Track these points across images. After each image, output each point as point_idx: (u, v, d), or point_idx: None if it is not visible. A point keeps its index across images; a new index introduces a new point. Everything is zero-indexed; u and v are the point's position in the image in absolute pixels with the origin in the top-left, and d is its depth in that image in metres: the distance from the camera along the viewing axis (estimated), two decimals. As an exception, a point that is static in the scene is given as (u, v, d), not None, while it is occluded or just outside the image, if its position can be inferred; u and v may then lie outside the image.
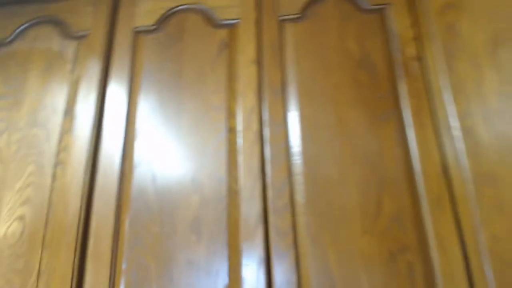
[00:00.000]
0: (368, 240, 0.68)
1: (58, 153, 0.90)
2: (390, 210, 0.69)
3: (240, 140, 0.80)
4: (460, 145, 0.63)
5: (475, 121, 0.59)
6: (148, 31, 0.94)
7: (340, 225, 0.70)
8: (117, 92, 0.92)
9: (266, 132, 0.80)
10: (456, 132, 0.64)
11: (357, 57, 0.82)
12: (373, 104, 0.77)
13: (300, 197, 0.74)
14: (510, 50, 0.50)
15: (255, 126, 0.80)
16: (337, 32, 0.85)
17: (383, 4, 0.85)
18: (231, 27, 0.91)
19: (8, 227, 0.86)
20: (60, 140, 0.91)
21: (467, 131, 0.61)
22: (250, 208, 0.74)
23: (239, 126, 0.82)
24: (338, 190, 0.72)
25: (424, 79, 0.75)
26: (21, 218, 0.86)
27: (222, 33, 0.90)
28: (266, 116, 0.81)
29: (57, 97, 0.95)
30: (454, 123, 0.65)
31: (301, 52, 0.85)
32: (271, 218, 0.73)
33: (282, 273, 0.68)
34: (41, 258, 0.81)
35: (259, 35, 0.89)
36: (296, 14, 0.88)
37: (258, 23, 0.90)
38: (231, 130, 0.82)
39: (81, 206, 0.83)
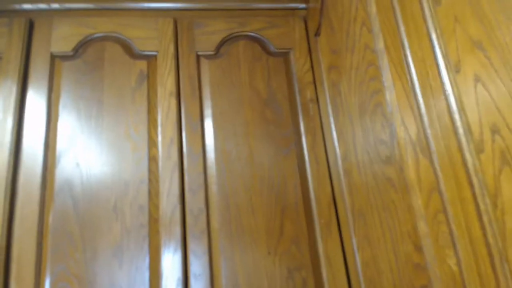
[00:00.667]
0: (271, 260, 0.80)
1: (-28, 178, 0.89)
2: (290, 233, 0.81)
3: (160, 169, 0.87)
4: (343, 182, 0.77)
5: (351, 166, 0.72)
6: (65, 57, 0.94)
7: (248, 247, 0.81)
8: (34, 117, 0.92)
9: (186, 162, 0.87)
10: (340, 170, 0.77)
11: (264, 96, 0.91)
12: (278, 139, 0.88)
13: (215, 222, 0.83)
14: (372, 117, 0.63)
15: (174, 156, 0.87)
16: (247, 71, 0.94)
17: (287, 49, 0.95)
18: (150, 59, 0.95)
19: None
20: (-25, 165, 0.89)
21: (347, 172, 0.75)
22: (170, 234, 0.82)
23: (160, 155, 0.88)
24: (248, 216, 0.83)
25: (319, 119, 0.88)
26: None
27: (142, 64, 0.94)
28: (185, 146, 0.88)
29: (-31, 120, 0.92)
30: (339, 162, 0.78)
31: (216, 88, 0.92)
32: (189, 243, 0.81)
33: (198, 292, 0.78)
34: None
35: (177, 68, 0.94)
36: (212, 51, 0.95)
37: (176, 57, 0.95)
38: (152, 159, 0.88)
39: (1, 234, 0.84)
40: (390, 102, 0.56)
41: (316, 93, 0.90)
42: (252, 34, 0.99)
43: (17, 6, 0.99)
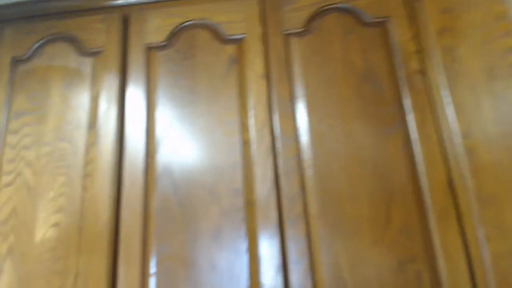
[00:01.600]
0: (378, 250, 0.72)
1: (85, 165, 0.96)
2: (398, 222, 0.73)
3: (253, 153, 0.84)
4: (463, 163, 0.66)
5: (476, 143, 0.61)
6: (159, 47, 0.97)
7: (351, 235, 0.75)
8: (135, 106, 0.97)
9: (279, 145, 0.84)
10: (459, 149, 0.66)
11: (361, 71, 0.83)
12: (379, 118, 0.79)
13: (313, 208, 0.78)
14: (505, 82, 0.51)
15: (267, 139, 0.84)
16: (340, 46, 0.86)
17: (384, 17, 0.85)
18: (238, 42, 0.93)
19: (45, 233, 0.94)
20: (86, 153, 0.97)
21: (469, 151, 0.64)
22: (266, 218, 0.79)
23: (252, 139, 0.85)
24: (349, 202, 0.76)
25: (428, 93, 0.76)
26: (56, 225, 0.94)
27: (231, 49, 0.92)
28: (277, 129, 0.85)
29: (80, 112, 1.00)
30: (458, 140, 0.67)
31: (307, 66, 0.86)
32: (286, 227, 0.78)
33: (298, 278, 0.74)
34: (77, 262, 0.90)
35: (266, 50, 0.90)
36: (300, 28, 0.89)
37: (264, 38, 0.91)
38: (245, 144, 0.86)
39: (110, 216, 0.90)
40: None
41: (423, 63, 0.78)
42: (342, 5, 0.91)
43: (111, 3, 1.04)
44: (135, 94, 0.97)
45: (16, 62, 1.06)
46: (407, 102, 0.78)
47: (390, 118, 0.79)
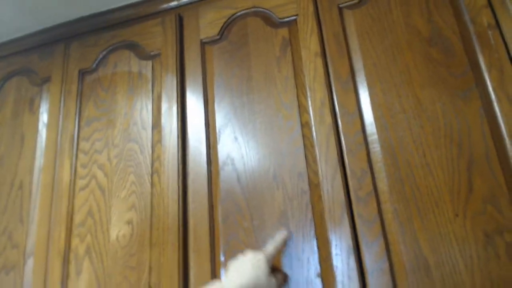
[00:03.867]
0: (461, 223, 0.66)
1: (152, 163, 1.01)
2: (482, 191, 0.66)
3: (314, 134, 0.82)
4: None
5: None
6: (213, 41, 1.00)
7: (429, 210, 0.69)
8: (194, 102, 1.00)
9: (340, 123, 0.81)
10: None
11: (426, 35, 0.78)
12: (451, 82, 0.73)
13: (383, 184, 0.74)
14: None
15: (328, 118, 0.82)
16: (400, 10, 0.82)
17: None
18: (291, 24, 0.92)
19: (119, 230, 0.98)
20: (153, 152, 1.01)
21: None
22: (333, 199, 0.76)
23: (312, 120, 0.83)
24: (423, 174, 0.71)
25: (505, 48, 0.69)
26: (129, 222, 0.98)
27: (283, 32, 0.92)
28: (337, 107, 0.82)
29: (144, 113, 1.06)
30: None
31: (366, 37, 0.83)
32: (356, 207, 0.74)
33: (373, 260, 0.70)
34: (150, 256, 0.93)
35: (320, 27, 0.89)
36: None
37: (317, 15, 0.90)
38: (305, 125, 0.85)
39: (178, 208, 0.92)
40: None
41: (496, 17, 0.72)
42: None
43: (165, 6, 1.10)
44: (193, 90, 1.00)
45: (84, 73, 1.14)
46: (482, 61, 0.72)
47: (464, 80, 0.73)
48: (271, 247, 0.74)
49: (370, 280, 0.69)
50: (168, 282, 0.87)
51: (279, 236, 0.77)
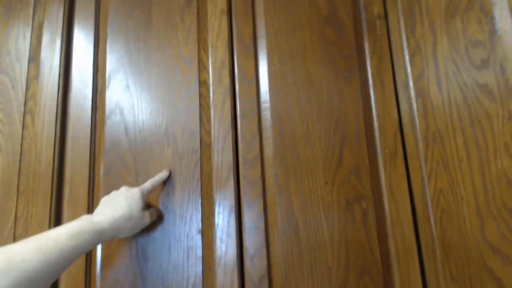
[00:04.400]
0: (329, 190, 0.75)
1: (25, 101, 0.89)
2: (350, 163, 0.75)
3: (211, 94, 0.82)
4: (414, 106, 0.68)
5: (427, 83, 0.64)
6: (113, -26, 0.89)
7: (304, 176, 0.76)
8: (83, 38, 0.89)
9: (237, 87, 0.82)
10: (412, 92, 0.69)
11: (325, 13, 0.82)
12: (339, 62, 0.80)
13: (269, 150, 0.78)
14: (464, 17, 0.53)
15: (226, 80, 0.82)
16: (307, -15, 0.84)
17: None
18: (200, -26, 0.88)
19: (-20, 174, 0.86)
20: (27, 88, 0.89)
21: (420, 93, 0.66)
22: (222, 160, 0.78)
23: (211, 79, 0.83)
24: (304, 144, 0.77)
25: (388, 38, 0.78)
26: (-8, 165, 0.87)
27: (192, -19, 0.87)
28: (237, 70, 0.83)
29: (20, 43, 0.91)
30: (410, 84, 0.69)
31: (271, 5, 0.84)
32: (242, 170, 0.78)
33: (251, 219, 0.75)
34: (17, 204, 0.84)
35: (230, -16, 0.86)
36: (267, -36, 0.85)
37: (228, -30, 0.87)
38: (203, 84, 0.83)
39: (54, 155, 0.84)
40: (495, -11, 0.46)
41: (385, 8, 0.79)
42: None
43: None
44: (83, 25, 0.90)
45: None
46: (367, 47, 0.79)
47: (350, 62, 0.80)
48: (148, 183, 0.75)
49: (247, 237, 0.74)
50: (37, 233, 0.80)
51: (159, 174, 0.78)
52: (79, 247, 0.58)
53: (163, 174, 0.78)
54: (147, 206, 0.76)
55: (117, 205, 0.68)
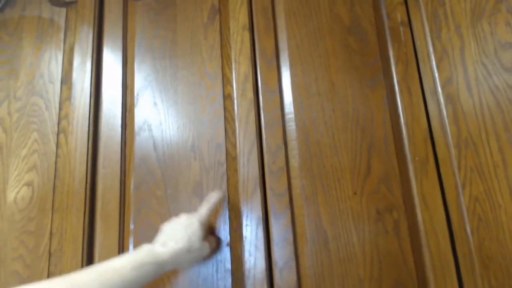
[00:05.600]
0: (358, 200, 0.73)
1: (59, 121, 0.93)
2: (379, 172, 0.74)
3: (236, 107, 0.83)
4: (443, 111, 0.66)
5: (457, 88, 0.62)
6: (138, -3, 0.93)
7: (332, 186, 0.75)
8: (112, 59, 0.93)
9: (261, 99, 0.82)
10: (441, 98, 0.67)
11: (347, 23, 0.82)
12: (363, 70, 0.79)
13: (294, 161, 0.78)
14: (491, 19, 0.52)
15: (250, 93, 0.83)
16: (327, -4, 0.84)
17: None
18: (222, -7, 0.90)
19: (17, 192, 0.90)
20: (60, 109, 0.93)
21: (450, 98, 0.65)
22: (248, 172, 0.79)
23: (235, 93, 0.84)
24: (330, 154, 0.76)
25: (412, 44, 0.76)
26: (29, 184, 0.91)
27: (213, -2, 0.89)
28: (260, 83, 0.83)
29: (53, 66, 0.96)
30: (439, 89, 0.68)
31: (292, 18, 0.85)
32: (268, 181, 0.78)
33: (279, 231, 0.74)
34: (52, 221, 0.87)
35: (250, 0, 0.88)
36: (287, -22, 0.87)
37: (249, -13, 0.89)
38: (227, 98, 0.85)
39: (86, 172, 0.87)
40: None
41: (408, 15, 0.78)
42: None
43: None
44: (111, 46, 0.93)
45: (-15, 12, 0.99)
46: (391, 54, 0.78)
47: (374, 70, 0.79)
48: (204, 209, 0.72)
49: (276, 249, 0.74)
50: (71, 248, 0.83)
51: (211, 197, 0.74)
52: (141, 278, 0.58)
53: (215, 196, 0.75)
54: (208, 233, 0.73)
55: (178, 237, 0.66)
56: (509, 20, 0.48)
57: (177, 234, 0.67)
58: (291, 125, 0.80)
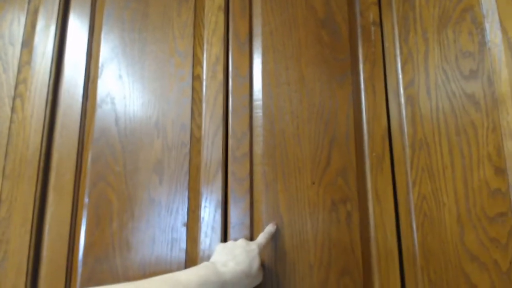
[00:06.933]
0: (315, 190, 0.76)
1: (16, 85, 0.88)
2: (337, 165, 0.76)
3: (204, 89, 0.82)
4: (403, 112, 0.70)
5: (417, 91, 0.65)
6: (112, -37, 0.89)
7: (292, 175, 0.77)
8: (78, 26, 0.89)
9: (231, 83, 0.82)
10: (402, 99, 0.70)
11: (321, 16, 0.83)
12: (333, 65, 0.81)
13: (258, 147, 0.79)
14: (456, 27, 0.54)
15: (220, 76, 0.82)
16: (305, -13, 0.85)
17: None
18: (201, -31, 0.88)
19: (-36, 155, 0.85)
20: (18, 72, 0.88)
21: (410, 99, 0.68)
22: (211, 155, 0.79)
23: (204, 74, 0.83)
24: (293, 143, 0.78)
25: (381, 45, 0.79)
26: (-22, 147, 0.86)
27: (191, -25, 0.87)
28: (231, 66, 0.83)
29: (14, 27, 0.90)
30: (401, 90, 0.71)
31: (268, 4, 0.84)
32: (231, 166, 0.78)
33: (237, 215, 0.75)
34: (1, 188, 0.83)
35: (228, -19, 0.87)
36: (267, -37, 0.86)
37: (228, -32, 0.87)
38: (196, 78, 0.84)
39: (42, 140, 0.84)
40: (486, 1, 0.47)
41: (380, 15, 0.80)
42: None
43: None
44: (78, 13, 0.89)
45: None
46: (360, 52, 0.80)
47: (343, 66, 0.81)
48: (262, 238, 0.71)
49: (232, 232, 0.75)
50: (20, 217, 0.79)
51: (269, 229, 0.73)
52: None
53: (273, 228, 0.73)
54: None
55: (239, 259, 0.64)
56: (472, 30, 0.50)
57: (238, 256, 0.65)
58: (258, 112, 0.80)
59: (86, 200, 0.80)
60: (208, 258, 0.73)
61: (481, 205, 0.49)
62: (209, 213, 0.76)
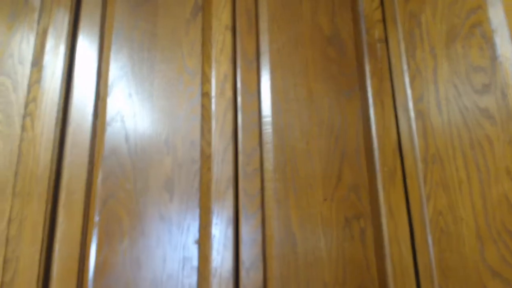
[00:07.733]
0: (327, 206, 0.75)
1: (26, 104, 0.88)
2: (349, 180, 0.76)
3: (213, 106, 0.83)
4: (413, 126, 0.70)
5: (428, 106, 0.65)
6: (121, -16, 0.91)
7: (303, 191, 0.76)
8: (87, 46, 0.90)
9: (239, 100, 0.83)
10: (411, 114, 0.70)
11: (327, 33, 0.84)
12: (340, 81, 0.81)
13: (269, 164, 0.79)
14: (465, 42, 0.55)
15: (228, 93, 0.83)
16: (310, 5, 0.86)
17: None
18: (206, -11, 0.89)
19: (-26, 175, 0.85)
20: (28, 91, 0.89)
21: (420, 114, 0.68)
22: (221, 172, 0.79)
23: (213, 92, 0.84)
24: (304, 159, 0.78)
25: (388, 61, 0.80)
26: (-12, 167, 0.86)
27: (197, -5, 0.89)
28: (239, 84, 0.84)
29: (24, 46, 0.91)
30: (411, 105, 0.71)
31: (275, 22, 0.86)
32: (241, 182, 0.78)
33: (248, 232, 0.75)
34: (11, 206, 0.83)
35: (234, 0, 0.88)
36: (272, -19, 0.88)
37: (233, -12, 0.89)
38: (205, 95, 0.84)
39: (52, 159, 0.84)
40: (496, 17, 0.48)
41: (386, 32, 0.81)
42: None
43: None
44: (87, 33, 0.90)
45: (-49, -17, 0.93)
46: (368, 68, 0.81)
47: (351, 82, 0.81)
48: None
49: (244, 249, 0.74)
50: (30, 235, 0.79)
51: None
52: None
53: None
54: None
55: None
56: (482, 45, 0.51)
57: None
58: (268, 129, 0.81)
59: (97, 218, 0.80)
60: (220, 276, 0.72)
61: (501, 219, 0.49)
62: (220, 230, 0.76)
